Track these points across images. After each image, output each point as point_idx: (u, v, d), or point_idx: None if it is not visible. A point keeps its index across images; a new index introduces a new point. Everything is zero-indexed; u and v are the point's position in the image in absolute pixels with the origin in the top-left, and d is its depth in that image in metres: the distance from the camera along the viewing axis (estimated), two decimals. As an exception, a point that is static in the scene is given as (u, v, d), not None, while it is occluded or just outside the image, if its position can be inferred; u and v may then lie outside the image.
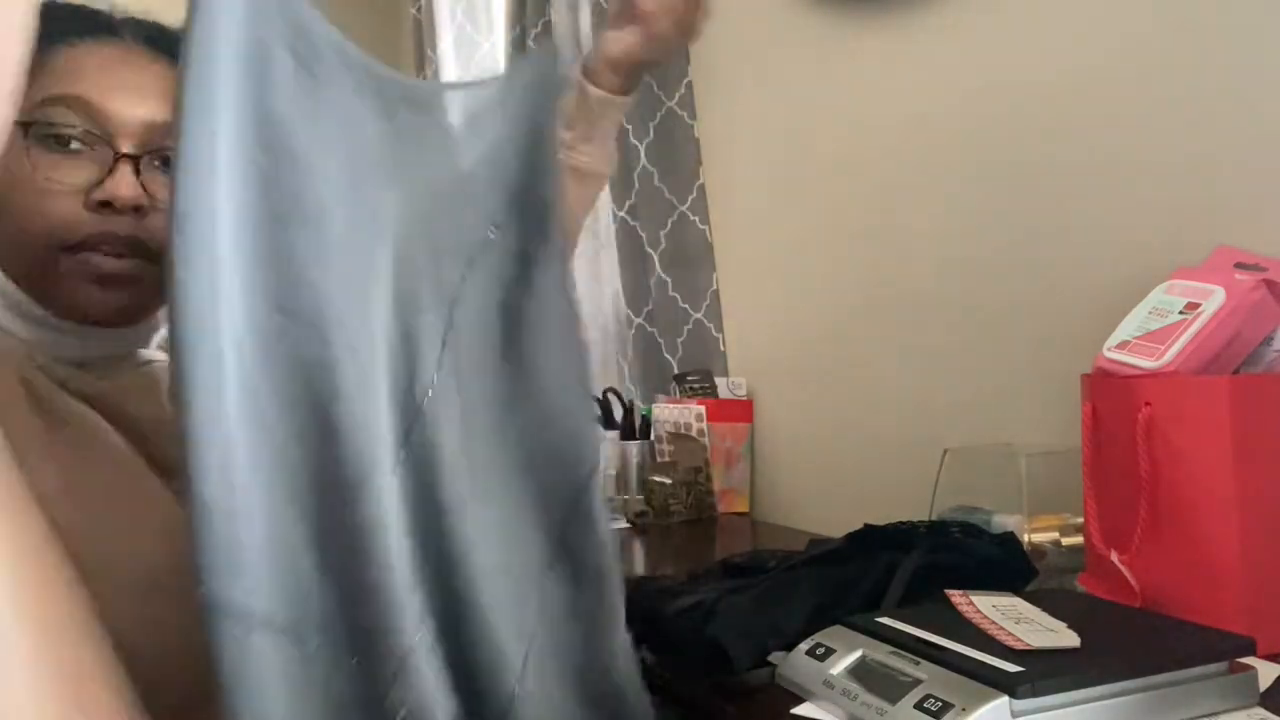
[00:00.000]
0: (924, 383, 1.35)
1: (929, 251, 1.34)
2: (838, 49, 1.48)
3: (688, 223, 1.77)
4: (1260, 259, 0.91)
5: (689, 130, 1.77)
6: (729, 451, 1.63)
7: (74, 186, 0.71)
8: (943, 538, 0.90)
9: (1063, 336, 1.15)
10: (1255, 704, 0.67)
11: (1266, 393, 0.82)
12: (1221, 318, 0.86)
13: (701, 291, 1.76)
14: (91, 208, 0.71)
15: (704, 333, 1.75)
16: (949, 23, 1.30)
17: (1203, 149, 1.02)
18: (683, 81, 1.76)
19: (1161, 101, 1.06)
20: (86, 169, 0.72)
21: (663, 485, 1.52)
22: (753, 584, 0.84)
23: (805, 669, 0.75)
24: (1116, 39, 1.10)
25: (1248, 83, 0.98)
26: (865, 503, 1.44)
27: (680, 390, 1.67)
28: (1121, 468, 0.86)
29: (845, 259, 1.48)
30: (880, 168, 1.42)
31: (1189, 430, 0.82)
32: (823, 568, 0.86)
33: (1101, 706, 0.63)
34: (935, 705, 0.63)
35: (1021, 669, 0.63)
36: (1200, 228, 1.01)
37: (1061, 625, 0.72)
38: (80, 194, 0.71)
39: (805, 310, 1.57)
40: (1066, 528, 1.03)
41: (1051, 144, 1.17)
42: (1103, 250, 1.11)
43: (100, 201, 0.71)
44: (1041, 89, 1.18)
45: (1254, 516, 0.80)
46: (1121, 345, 0.91)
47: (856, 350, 1.47)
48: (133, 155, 0.72)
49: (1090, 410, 0.91)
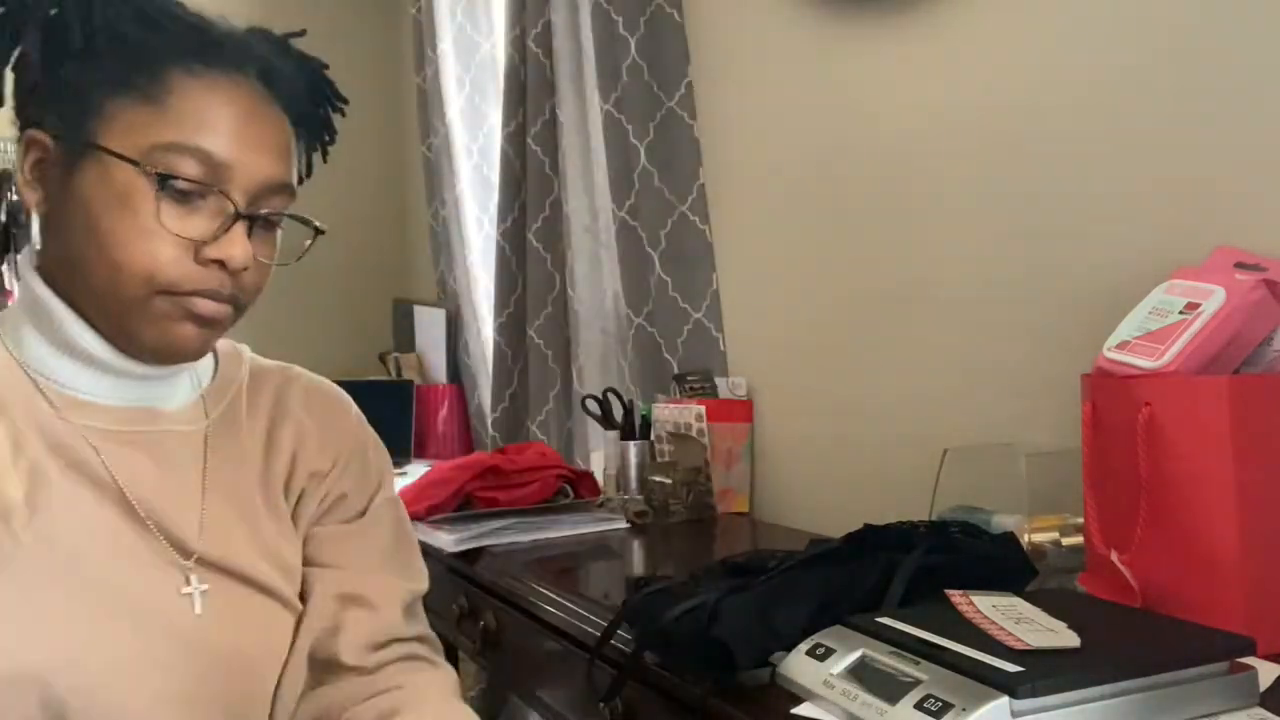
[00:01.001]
0: (924, 383, 1.35)
1: (929, 251, 1.34)
2: (838, 49, 1.48)
3: (688, 223, 1.77)
4: (1260, 259, 0.91)
5: (689, 130, 1.77)
6: (729, 451, 1.63)
7: (187, 237, 0.71)
8: (942, 538, 0.90)
9: (1063, 336, 1.15)
10: (1255, 704, 0.67)
11: (1266, 393, 0.82)
12: (1221, 318, 0.86)
13: (701, 291, 1.76)
14: (203, 262, 0.72)
15: (704, 333, 1.75)
16: (949, 24, 1.30)
17: (1203, 149, 1.02)
18: (683, 81, 1.76)
19: (1161, 102, 1.06)
20: (202, 222, 0.72)
21: (663, 485, 1.52)
22: (753, 584, 0.84)
23: (805, 669, 0.75)
24: (1116, 39, 1.10)
25: (1248, 83, 0.98)
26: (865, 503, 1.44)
27: (680, 390, 1.67)
28: (1121, 468, 0.86)
29: (845, 259, 1.48)
30: (880, 168, 1.42)
31: (1189, 430, 0.82)
32: (823, 568, 0.86)
33: (1101, 706, 0.64)
34: (935, 705, 0.63)
35: (1021, 669, 0.63)
36: (1200, 228, 1.01)
37: (1061, 625, 0.72)
38: (192, 246, 0.71)
39: (805, 310, 1.57)
40: (1066, 528, 1.03)
41: (1052, 144, 1.17)
42: (1103, 250, 1.11)
43: (213, 259, 0.72)
44: (1042, 89, 1.18)
45: (1254, 517, 0.80)
46: (1121, 345, 0.91)
47: (856, 350, 1.47)
48: (248, 216, 0.73)
49: (1090, 410, 0.91)
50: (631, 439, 1.65)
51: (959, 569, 0.85)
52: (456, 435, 2.71)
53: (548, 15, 2.08)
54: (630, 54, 1.79)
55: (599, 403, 1.72)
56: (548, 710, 1.17)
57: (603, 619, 1.00)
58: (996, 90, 1.24)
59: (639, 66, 1.78)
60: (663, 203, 1.77)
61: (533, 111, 2.14)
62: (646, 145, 1.78)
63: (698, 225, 1.76)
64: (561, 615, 1.10)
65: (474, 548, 1.37)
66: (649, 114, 1.78)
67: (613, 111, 1.85)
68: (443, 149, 2.74)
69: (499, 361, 2.33)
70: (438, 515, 1.49)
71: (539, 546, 1.37)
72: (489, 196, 2.68)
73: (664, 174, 1.78)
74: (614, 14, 1.81)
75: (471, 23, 2.76)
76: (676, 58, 1.77)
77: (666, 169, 1.78)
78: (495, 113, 2.70)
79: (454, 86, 2.74)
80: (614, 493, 1.65)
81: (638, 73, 1.78)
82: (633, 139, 1.79)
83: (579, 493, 1.63)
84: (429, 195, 2.88)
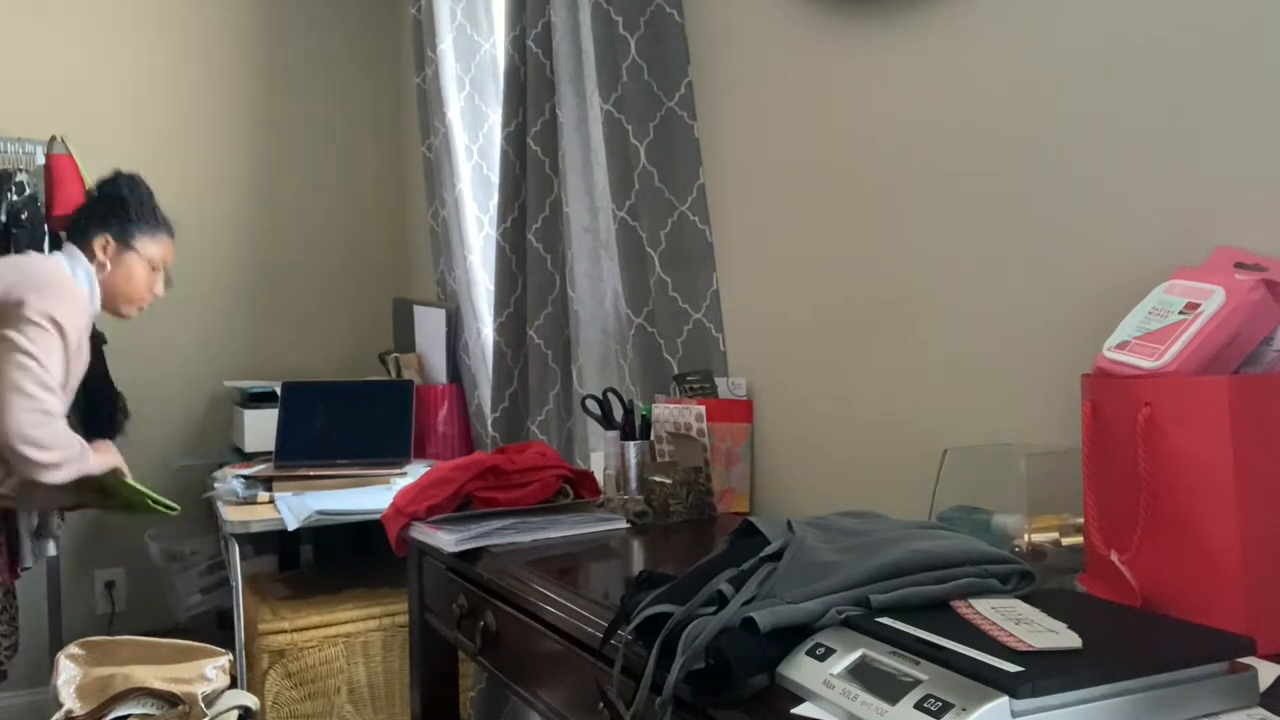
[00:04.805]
0: (924, 383, 1.35)
1: (929, 251, 1.34)
2: (838, 49, 1.48)
3: (688, 223, 1.77)
4: (1260, 259, 0.91)
5: (689, 130, 1.77)
6: (729, 451, 1.63)
7: None
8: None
9: (1063, 337, 1.16)
10: (1255, 704, 0.67)
11: (1266, 393, 0.82)
12: (1221, 318, 0.86)
13: (701, 291, 1.76)
14: None
15: (704, 333, 1.75)
16: (949, 23, 1.30)
17: (1203, 149, 1.02)
18: (683, 81, 1.77)
19: (1161, 101, 1.06)
20: None
21: (663, 485, 1.52)
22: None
23: (805, 669, 0.75)
24: (1116, 39, 1.10)
25: (1248, 82, 0.98)
26: (865, 502, 1.44)
27: (680, 390, 1.67)
28: (1121, 468, 0.86)
29: (845, 259, 1.48)
30: (880, 167, 1.42)
31: (1189, 430, 0.82)
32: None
33: (1101, 706, 0.64)
34: (935, 705, 0.63)
35: (1021, 669, 0.63)
36: (1200, 228, 1.01)
37: (1062, 625, 0.72)
38: None
39: (805, 310, 1.57)
40: (1066, 528, 1.03)
41: (1052, 144, 1.17)
42: (1103, 250, 1.11)
43: None
44: (1042, 89, 1.18)
45: (1254, 516, 0.80)
46: (1121, 345, 0.91)
47: (856, 350, 1.47)
48: None
49: (1090, 410, 0.91)
50: (631, 439, 1.65)
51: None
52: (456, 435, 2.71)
53: (548, 15, 2.08)
54: (630, 54, 1.79)
55: (599, 403, 1.72)
56: (548, 710, 1.17)
57: (603, 619, 1.00)
58: (996, 90, 1.24)
59: (639, 66, 1.78)
60: (663, 203, 1.77)
61: (533, 111, 2.14)
62: (646, 145, 1.78)
63: (698, 225, 1.76)
64: (561, 615, 1.10)
65: (474, 548, 1.37)
66: (649, 114, 1.78)
67: (613, 111, 1.85)
68: (443, 149, 2.74)
69: (499, 361, 2.33)
70: (438, 515, 1.49)
71: (539, 546, 1.37)
72: (489, 196, 2.69)
73: (664, 174, 1.78)
74: (614, 14, 1.82)
75: (471, 23, 2.76)
76: (676, 58, 1.77)
77: (666, 169, 1.78)
78: (495, 113, 2.71)
79: (454, 86, 2.74)
80: (614, 493, 1.65)
81: (638, 73, 1.78)
82: (633, 139, 1.79)
83: (579, 493, 1.63)
84: (429, 195, 2.88)
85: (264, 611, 2.22)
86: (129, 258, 2.21)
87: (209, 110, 3.25)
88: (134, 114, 3.13)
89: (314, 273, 3.32)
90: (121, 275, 2.21)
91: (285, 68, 3.33)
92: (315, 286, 3.32)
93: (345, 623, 2.20)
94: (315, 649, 2.16)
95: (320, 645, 2.17)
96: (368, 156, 3.43)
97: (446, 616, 1.50)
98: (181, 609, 2.82)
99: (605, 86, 1.87)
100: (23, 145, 2.83)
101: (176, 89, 3.19)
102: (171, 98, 3.19)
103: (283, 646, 2.14)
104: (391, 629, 2.24)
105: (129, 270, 2.22)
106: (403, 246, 3.46)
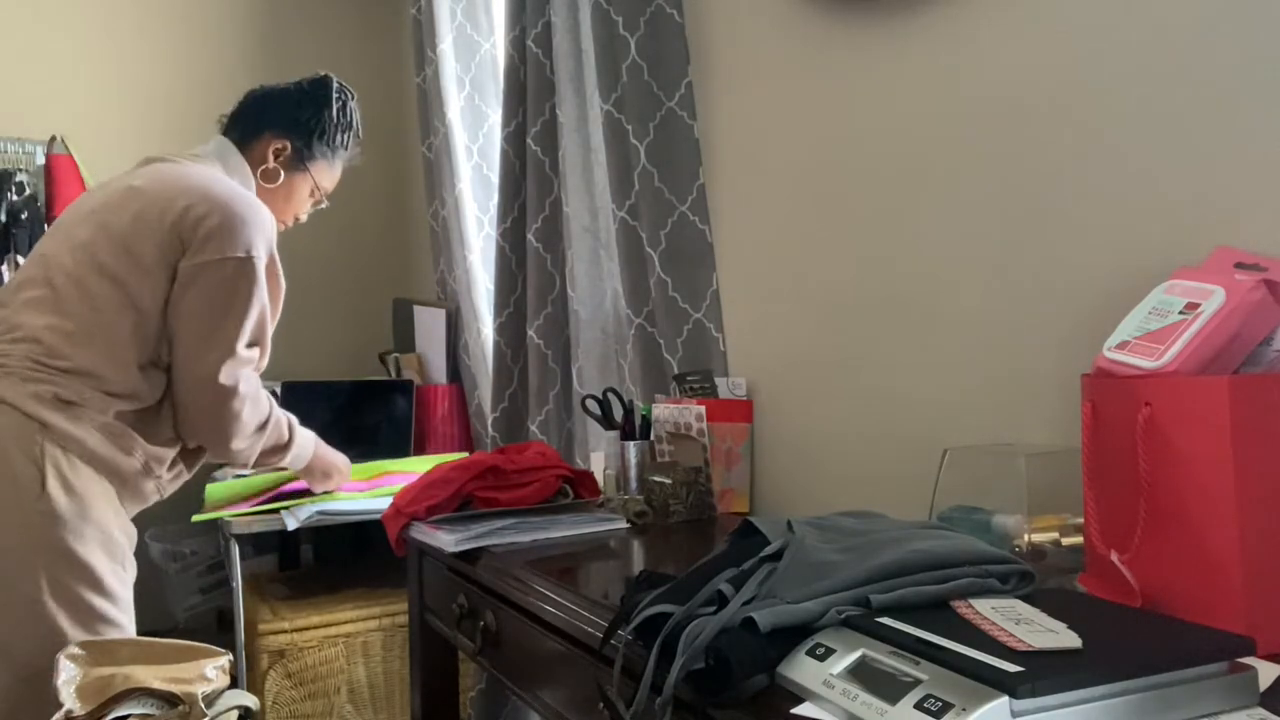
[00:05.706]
0: (924, 382, 1.35)
1: (929, 251, 1.34)
2: (837, 49, 1.48)
3: (688, 223, 1.77)
4: (1260, 259, 0.91)
5: (689, 130, 1.77)
6: (729, 451, 1.63)
7: None
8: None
9: (1063, 336, 1.16)
10: (1255, 704, 0.67)
11: (1266, 393, 0.82)
12: (1221, 318, 0.86)
13: (701, 291, 1.76)
14: None
15: (704, 333, 1.75)
16: (948, 23, 1.30)
17: (1202, 149, 1.02)
18: (683, 81, 1.76)
19: (1161, 102, 1.06)
20: None
21: (663, 485, 1.52)
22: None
23: (805, 669, 0.75)
24: (1116, 39, 1.10)
25: (1248, 82, 0.98)
26: (865, 502, 1.44)
27: (680, 390, 1.67)
28: (1121, 468, 0.86)
29: (845, 259, 1.48)
30: (880, 167, 1.42)
31: (1189, 430, 0.82)
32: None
33: (1101, 706, 0.64)
34: (935, 705, 0.63)
35: (1021, 669, 0.63)
36: (1200, 228, 1.01)
37: (1062, 625, 0.72)
38: None
39: (805, 310, 1.57)
40: (1066, 528, 1.03)
41: (1051, 144, 1.17)
42: (1103, 250, 1.11)
43: None
44: (1041, 89, 1.18)
45: (1253, 516, 0.80)
46: (1121, 345, 0.91)
47: (856, 350, 1.47)
48: None
49: (1090, 410, 0.91)
50: (631, 439, 1.65)
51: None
52: (456, 435, 2.71)
53: (548, 15, 2.08)
54: (630, 54, 1.79)
55: (599, 403, 1.72)
56: (548, 710, 1.17)
57: (603, 619, 1.00)
58: (996, 90, 1.24)
59: (639, 66, 1.78)
60: (663, 203, 1.77)
61: (533, 111, 2.14)
62: (646, 145, 1.78)
63: (698, 225, 1.76)
64: (561, 615, 1.10)
65: (474, 548, 1.37)
66: (649, 114, 1.78)
67: (613, 111, 1.85)
68: (443, 149, 2.74)
69: (499, 361, 2.33)
70: (438, 515, 1.49)
71: (539, 546, 1.37)
72: (489, 196, 2.69)
73: (664, 174, 1.78)
74: (614, 14, 1.82)
75: (471, 23, 2.76)
76: (676, 58, 1.77)
77: (666, 169, 1.78)
78: (495, 113, 2.71)
79: (454, 86, 2.74)
80: (614, 493, 1.65)
81: (638, 73, 1.78)
82: (633, 139, 1.79)
83: (579, 493, 1.63)
84: (429, 195, 2.88)
85: (264, 611, 2.22)
86: (298, 177, 1.81)
87: (209, 110, 3.25)
88: (134, 114, 3.13)
89: (314, 273, 3.31)
90: (283, 193, 1.80)
91: (285, 67, 3.32)
92: (315, 286, 3.32)
93: (345, 623, 2.20)
94: (315, 649, 2.16)
95: (320, 645, 2.17)
96: (368, 156, 3.41)
97: (446, 616, 1.50)
98: (181, 609, 2.82)
99: (605, 86, 1.87)
100: (23, 145, 2.83)
101: (176, 89, 3.19)
102: (171, 98, 3.19)
103: (283, 646, 2.14)
104: (391, 629, 2.24)
105: (291, 189, 1.81)
106: (403, 246, 3.46)
